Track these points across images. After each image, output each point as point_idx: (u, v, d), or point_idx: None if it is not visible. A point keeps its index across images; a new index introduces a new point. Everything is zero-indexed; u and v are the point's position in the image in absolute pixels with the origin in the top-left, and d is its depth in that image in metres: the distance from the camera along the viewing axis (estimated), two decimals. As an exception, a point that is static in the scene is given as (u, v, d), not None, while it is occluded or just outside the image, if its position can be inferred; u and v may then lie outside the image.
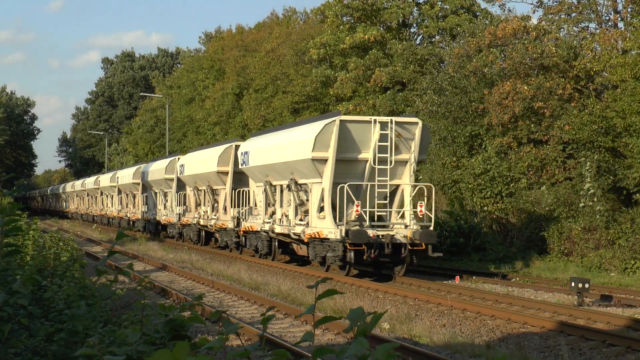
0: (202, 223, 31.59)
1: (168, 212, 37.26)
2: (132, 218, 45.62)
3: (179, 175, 34.48)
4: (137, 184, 43.93)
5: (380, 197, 20.23)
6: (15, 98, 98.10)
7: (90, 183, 60.44)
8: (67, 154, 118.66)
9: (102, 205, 56.24)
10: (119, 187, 49.19)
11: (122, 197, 49.49)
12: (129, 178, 45.24)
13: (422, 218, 20.39)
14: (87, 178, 67.04)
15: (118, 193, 50.09)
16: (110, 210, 52.47)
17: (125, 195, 48.56)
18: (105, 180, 53.82)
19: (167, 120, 58.30)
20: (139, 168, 44.32)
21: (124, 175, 47.67)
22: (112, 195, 52.57)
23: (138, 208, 44.32)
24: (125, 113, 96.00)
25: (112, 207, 52.46)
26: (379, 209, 20.38)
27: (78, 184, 68.91)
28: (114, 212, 50.86)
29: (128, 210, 47.36)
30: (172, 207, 36.39)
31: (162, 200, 38.73)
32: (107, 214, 53.45)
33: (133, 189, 45.54)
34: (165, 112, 60.33)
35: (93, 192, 59.57)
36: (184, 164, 33.53)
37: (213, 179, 29.76)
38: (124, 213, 47.98)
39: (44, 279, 9.49)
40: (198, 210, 32.35)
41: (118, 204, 50.16)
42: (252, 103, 47.13)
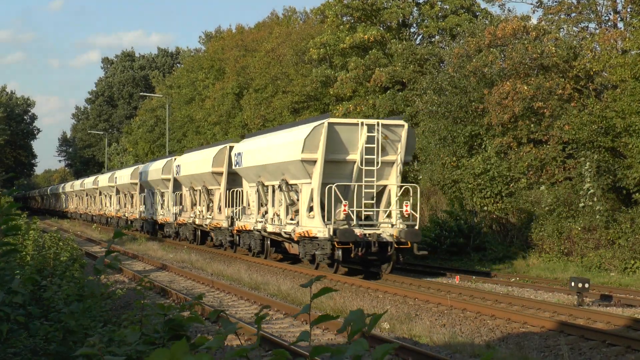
0: (197, 222, 32.23)
1: (165, 211, 37.79)
2: (130, 218, 46.07)
3: (176, 176, 35.08)
4: (134, 184, 44.47)
5: (368, 197, 20.87)
6: (15, 98, 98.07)
7: (89, 183, 60.84)
8: (67, 154, 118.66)
9: (100, 205, 56.68)
10: (117, 187, 49.68)
11: (120, 197, 50.02)
12: (127, 178, 45.76)
13: (407, 217, 20.91)
14: (86, 178, 67.53)
15: (116, 193, 50.61)
16: (109, 210, 52.95)
17: (124, 195, 49.06)
18: (104, 180, 54.33)
19: (167, 120, 58.30)
20: (137, 168, 44.79)
21: (122, 176, 48.20)
22: (110, 195, 53.05)
23: (136, 208, 44.90)
24: (125, 113, 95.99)
25: (110, 207, 52.96)
26: (367, 209, 20.97)
27: (77, 184, 69.26)
28: (113, 211, 51.29)
29: (126, 210, 47.86)
30: (168, 206, 36.93)
31: (159, 200, 39.24)
32: (105, 214, 53.88)
33: (131, 189, 46.11)
34: (165, 111, 60.34)
35: (92, 192, 60.00)
36: (180, 165, 34.14)
37: (208, 180, 30.37)
38: (122, 213, 48.46)
39: (44, 279, 9.49)
40: (194, 210, 32.92)
41: (116, 204, 50.69)
42: (252, 103, 47.12)
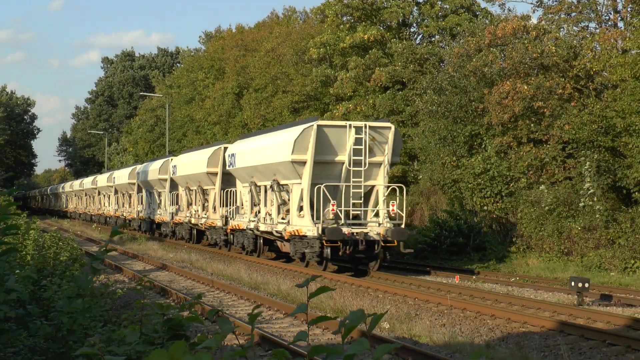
0: (193, 222, 32.90)
1: (162, 211, 38.42)
2: (128, 217, 46.60)
3: (172, 176, 35.64)
4: (132, 184, 45.09)
5: (356, 197, 21.55)
6: (16, 97, 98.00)
7: (88, 183, 61.43)
8: (67, 154, 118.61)
9: (99, 205, 57.30)
10: (116, 187, 50.30)
11: (118, 196, 50.69)
12: (125, 178, 46.39)
13: (394, 217, 21.45)
14: (85, 178, 68.08)
15: (114, 193, 51.22)
16: (108, 210, 53.53)
17: (122, 195, 49.70)
18: (103, 180, 54.94)
19: (167, 120, 58.29)
20: (135, 169, 45.35)
21: (120, 176, 48.82)
22: (109, 195, 53.64)
23: (134, 207, 45.57)
24: (125, 112, 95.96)
25: (109, 206, 53.56)
26: (355, 208, 21.59)
27: (76, 184, 69.78)
28: (111, 211, 51.89)
29: (124, 210, 48.47)
30: (165, 206, 37.56)
31: (156, 200, 39.85)
32: (104, 214, 54.45)
33: (129, 189, 46.76)
34: (165, 111, 60.32)
35: (91, 191, 60.59)
36: (177, 165, 34.74)
37: (203, 180, 30.98)
38: (120, 212, 49.05)
39: (44, 279, 9.48)
40: (190, 210, 33.57)
41: (115, 204, 51.33)
42: (252, 103, 47.11)
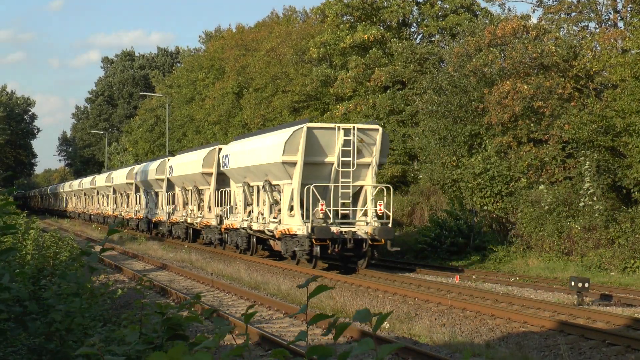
0: (189, 221, 33.52)
1: (159, 210, 39.07)
2: (126, 217, 47.17)
3: (169, 176, 36.20)
4: (130, 184, 45.69)
5: (345, 197, 22.13)
6: (16, 97, 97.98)
7: (87, 183, 62.00)
8: (67, 153, 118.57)
9: (98, 205, 57.96)
10: (114, 187, 50.94)
11: (116, 196, 51.35)
12: (123, 178, 46.92)
13: (382, 216, 21.97)
14: (84, 178, 68.66)
15: (113, 193, 51.91)
16: (106, 210, 54.15)
17: (120, 195, 50.30)
18: (101, 180, 55.59)
19: (167, 120, 58.28)
20: (132, 169, 45.94)
21: (118, 176, 49.40)
22: (107, 195, 54.28)
23: (131, 207, 46.18)
24: (125, 112, 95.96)
25: (107, 206, 54.21)
26: (344, 208, 22.18)
27: (75, 184, 70.22)
28: (110, 211, 52.50)
29: (122, 209, 49.05)
30: (162, 206, 38.16)
31: (153, 200, 40.50)
32: (102, 213, 54.97)
33: (127, 189, 47.37)
34: (165, 111, 60.30)
35: (90, 191, 61.17)
36: (173, 166, 35.32)
37: (199, 180, 31.53)
38: (119, 212, 49.61)
39: (43, 278, 9.47)
40: (186, 209, 34.15)
41: (113, 203, 52.00)
42: (252, 102, 47.11)
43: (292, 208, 22.06)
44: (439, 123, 30.33)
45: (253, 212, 25.37)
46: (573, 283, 15.85)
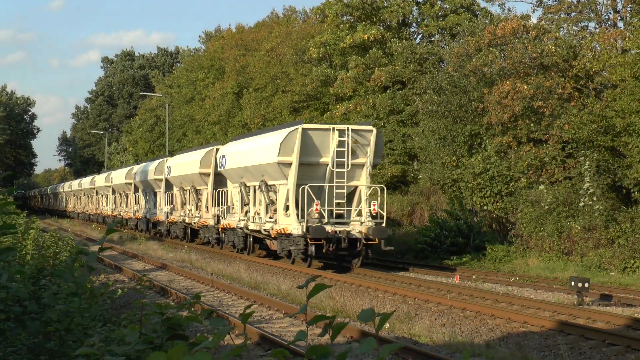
0: (187, 221, 33.86)
1: (157, 210, 39.46)
2: (124, 217, 47.46)
3: (167, 176, 36.53)
4: (129, 184, 46.01)
5: (339, 197, 22.42)
6: (16, 97, 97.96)
7: (87, 183, 62.29)
8: (67, 153, 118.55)
9: (97, 205, 58.20)
10: (113, 187, 51.23)
11: (115, 196, 51.65)
12: (122, 178, 47.21)
13: (376, 216, 22.28)
14: (83, 178, 68.97)
15: (112, 193, 52.22)
16: (105, 209, 54.37)
17: (119, 195, 50.60)
18: (100, 181, 55.87)
19: (167, 120, 58.27)
20: (131, 169, 46.22)
21: (117, 176, 49.68)
22: (106, 195, 54.52)
23: (130, 207, 46.48)
24: (125, 112, 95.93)
25: (106, 206, 54.46)
26: (338, 208, 22.51)
27: (75, 184, 70.47)
28: (109, 211, 52.78)
29: (121, 209, 49.33)
30: (160, 206, 38.50)
31: (152, 200, 40.85)
32: (102, 213, 55.20)
33: (126, 189, 47.69)
34: (165, 111, 60.29)
35: (89, 191, 61.40)
36: (171, 166, 35.67)
37: (196, 180, 31.87)
38: (118, 212, 49.90)
39: (43, 278, 9.47)
40: (184, 209, 34.48)
41: (112, 203, 52.32)
42: (252, 102, 47.10)
43: (287, 208, 22.38)
44: (439, 123, 30.33)
45: (250, 212, 25.69)
46: (573, 283, 15.85)
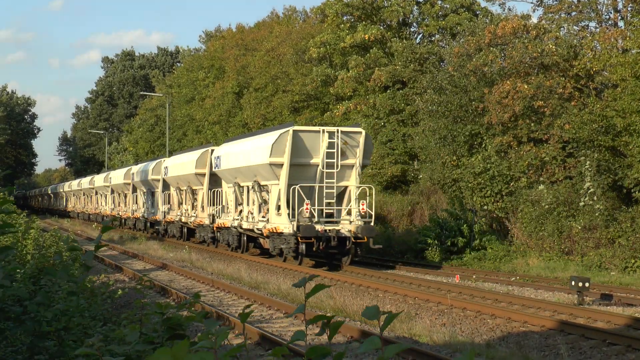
0: (183, 220, 34.50)
1: (155, 210, 40.11)
2: (123, 216, 48.05)
3: (164, 177, 37.10)
4: (127, 184, 46.52)
5: (329, 196, 22.93)
6: (16, 97, 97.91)
7: (86, 183, 62.73)
8: (67, 153, 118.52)
9: (96, 204, 58.66)
10: (112, 187, 51.72)
11: (114, 196, 52.19)
12: (121, 179, 47.69)
13: (365, 215, 22.78)
14: (83, 178, 69.34)
15: (111, 192, 52.71)
16: (104, 209, 54.80)
17: (118, 195, 51.11)
18: (100, 180, 56.38)
19: (167, 120, 58.27)
20: (130, 169, 46.76)
21: (116, 176, 50.18)
22: (105, 195, 55.00)
23: (129, 207, 47.00)
24: (126, 112, 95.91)
25: (105, 206, 54.90)
26: (328, 207, 23.00)
27: (75, 184, 70.83)
28: (108, 210, 53.26)
29: (120, 209, 49.84)
30: (158, 205, 39.09)
31: (149, 200, 41.49)
32: (101, 213, 55.54)
33: (124, 189, 48.19)
34: (166, 111, 60.28)
35: (88, 191, 61.83)
36: (168, 167, 36.28)
37: (192, 180, 32.44)
38: (117, 211, 50.36)
39: (43, 278, 9.47)
40: (180, 209, 35.12)
41: (111, 203, 52.83)
42: (252, 102, 47.09)
43: (279, 207, 22.93)
44: (439, 123, 30.32)
45: (243, 211, 26.23)
46: (573, 283, 15.84)
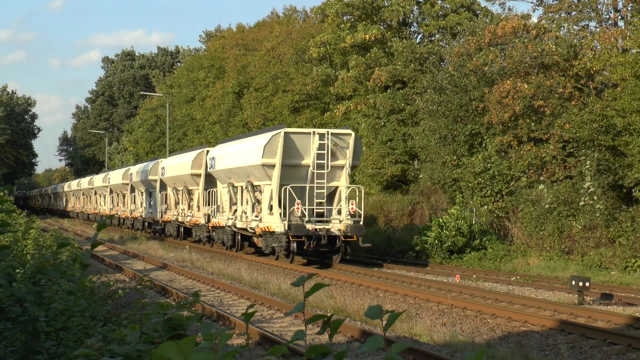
0: (180, 219, 35.07)
1: (152, 210, 40.62)
2: (122, 216, 48.44)
3: (161, 177, 37.66)
4: (126, 184, 46.96)
5: (319, 196, 23.53)
6: (16, 97, 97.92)
7: (85, 183, 63.09)
8: (67, 153, 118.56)
9: (96, 204, 58.96)
10: (111, 187, 52.08)
11: (113, 196, 52.59)
12: (119, 179, 48.13)
13: (354, 214, 23.46)
14: (82, 178, 69.71)
15: (110, 193, 53.08)
16: (103, 209, 55.17)
17: (116, 195, 51.55)
18: (99, 181, 56.74)
19: (167, 119, 58.27)
20: (128, 170, 47.13)
21: (115, 176, 50.60)
22: (104, 195, 55.35)
23: (127, 207, 47.48)
24: (126, 112, 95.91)
25: (104, 205, 55.27)
26: (319, 207, 23.59)
27: (74, 184, 71.09)
28: (107, 210, 53.66)
29: (118, 209, 50.22)
30: (156, 205, 39.62)
31: (147, 200, 42.01)
32: (100, 212, 55.81)
33: (123, 189, 48.67)
34: (166, 111, 60.28)
35: (88, 191, 62.18)
36: (165, 167, 36.83)
37: (188, 181, 33.00)
38: (115, 211, 50.73)
39: (44, 278, 9.46)
40: (177, 209, 35.67)
41: (110, 203, 53.23)
42: (252, 102, 47.09)
43: (271, 207, 23.52)
44: (440, 122, 30.32)
45: (237, 211, 26.84)
46: (574, 282, 15.84)
